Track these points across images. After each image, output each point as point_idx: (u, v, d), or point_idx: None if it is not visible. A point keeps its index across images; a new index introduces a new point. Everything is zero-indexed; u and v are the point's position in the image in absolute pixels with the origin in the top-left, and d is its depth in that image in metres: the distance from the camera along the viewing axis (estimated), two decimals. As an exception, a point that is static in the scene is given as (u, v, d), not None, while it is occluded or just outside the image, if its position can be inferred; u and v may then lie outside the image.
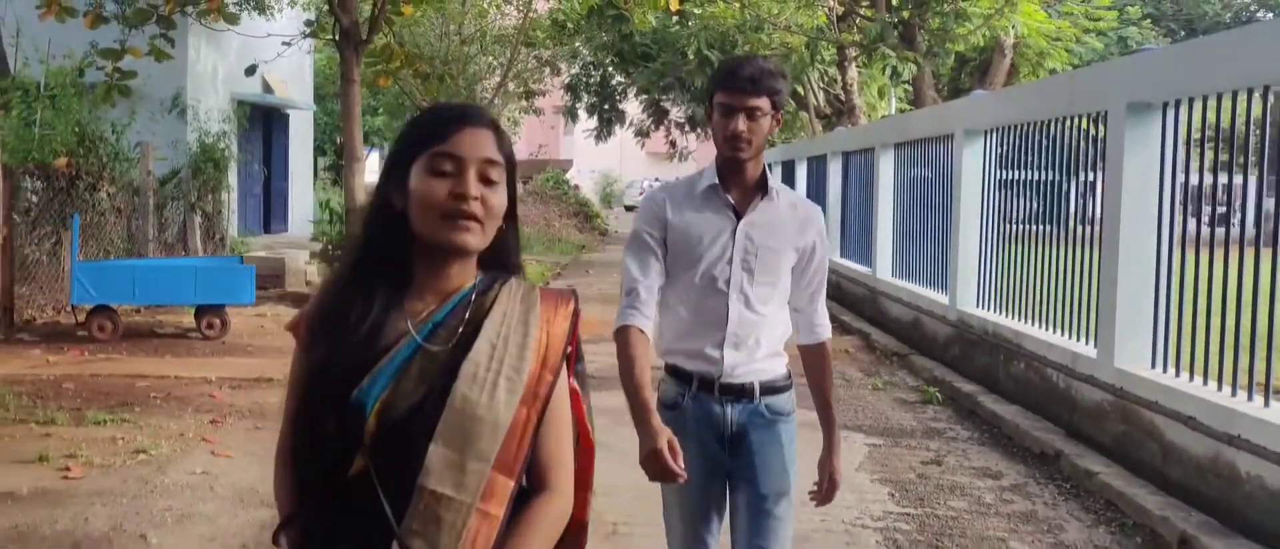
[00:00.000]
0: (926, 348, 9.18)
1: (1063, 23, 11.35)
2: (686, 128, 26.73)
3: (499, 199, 1.57)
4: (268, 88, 17.87)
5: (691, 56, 17.54)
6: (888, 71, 11.06)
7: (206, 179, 14.38)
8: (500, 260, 1.65)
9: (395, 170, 1.59)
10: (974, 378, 7.76)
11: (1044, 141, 7.42)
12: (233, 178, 15.58)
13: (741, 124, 2.54)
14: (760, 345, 2.64)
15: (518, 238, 1.68)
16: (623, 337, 2.59)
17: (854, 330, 10.73)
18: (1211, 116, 5.32)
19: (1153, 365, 5.63)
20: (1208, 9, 28.39)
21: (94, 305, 9.16)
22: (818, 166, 15.03)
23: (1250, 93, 4.98)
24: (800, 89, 17.67)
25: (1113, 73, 6.80)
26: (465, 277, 1.61)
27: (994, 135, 8.23)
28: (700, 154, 36.12)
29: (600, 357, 3.24)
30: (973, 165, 8.43)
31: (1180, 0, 28.53)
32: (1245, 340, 4.78)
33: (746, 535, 2.64)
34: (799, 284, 2.71)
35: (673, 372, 2.69)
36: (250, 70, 14.84)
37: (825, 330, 2.78)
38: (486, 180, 1.55)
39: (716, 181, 2.64)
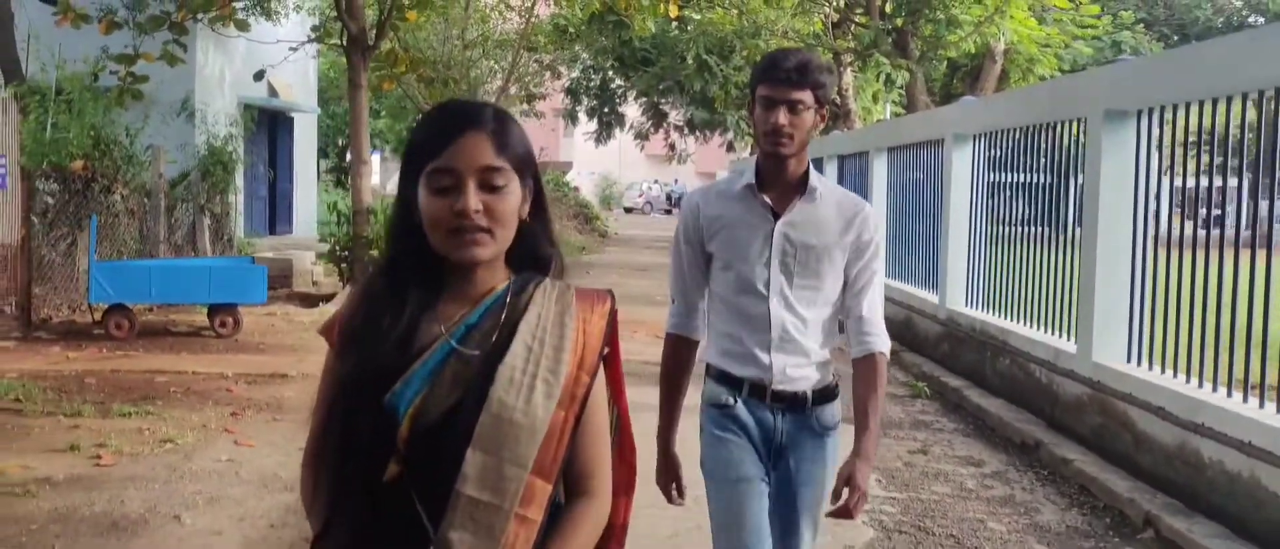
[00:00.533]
0: (918, 345, 9.48)
1: (1052, 30, 11.69)
2: (685, 131, 27.04)
3: (506, 204, 1.53)
4: (273, 91, 18.17)
5: (690, 61, 17.89)
6: (882, 78, 11.38)
7: (215, 181, 14.68)
8: (533, 259, 1.62)
9: (408, 182, 1.57)
10: (961, 373, 8.06)
11: (1028, 146, 7.73)
12: (239, 180, 15.89)
13: (783, 117, 2.44)
14: (809, 350, 2.54)
15: (550, 233, 1.65)
16: (666, 344, 2.67)
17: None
18: (1182, 123, 5.63)
19: (1128, 360, 5.93)
20: (1199, 14, 28.72)
21: (111, 304, 9.46)
22: (815, 169, 15.28)
23: (1215, 102, 5.28)
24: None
25: (1091, 82, 7.10)
26: (497, 278, 1.60)
27: (982, 140, 8.53)
28: (699, 157, 36.45)
29: None
30: (962, 169, 8.74)
31: (1173, 5, 28.84)
32: (1212, 337, 5.08)
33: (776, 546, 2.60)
34: (848, 287, 2.58)
35: (722, 376, 2.59)
36: (258, 75, 15.18)
37: (878, 341, 2.58)
38: (490, 188, 1.51)
39: (753, 181, 2.55)
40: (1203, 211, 5.78)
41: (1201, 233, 5.48)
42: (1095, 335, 6.10)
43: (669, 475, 2.67)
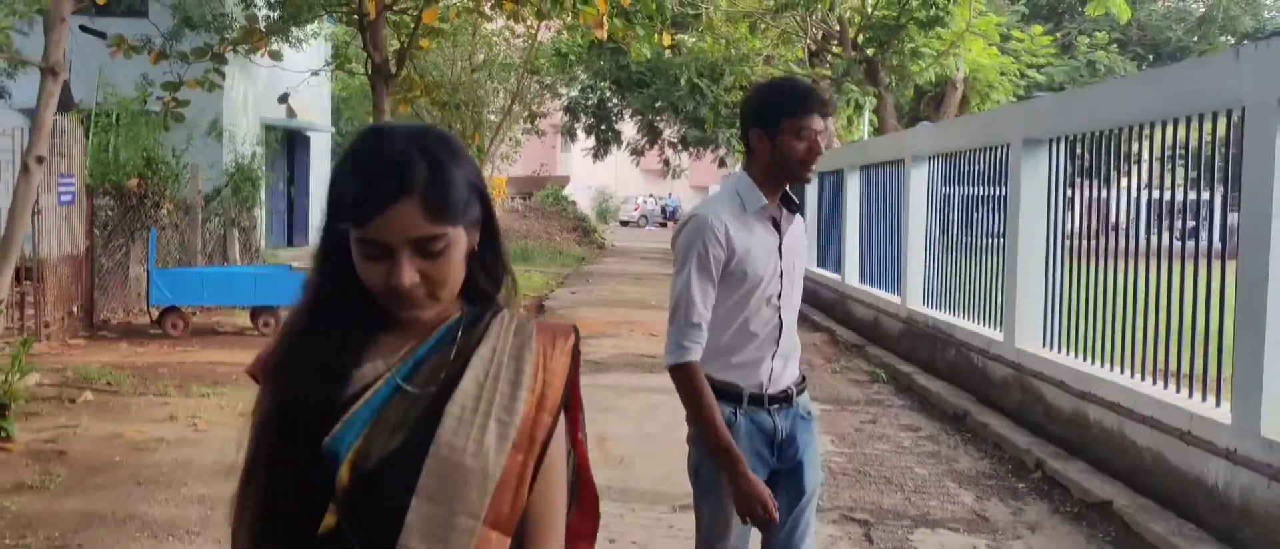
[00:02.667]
0: (883, 342, 10.71)
1: (1007, 59, 12.95)
2: (679, 147, 28.32)
3: (446, 267, 1.37)
4: (291, 112, 19.43)
5: (683, 83, 19.20)
6: (851, 104, 12.61)
7: (243, 196, 15.90)
8: (486, 289, 1.48)
9: (336, 223, 1.40)
10: (916, 363, 9.30)
11: (970, 167, 8.98)
12: (262, 195, 17.13)
13: (821, 146, 2.65)
14: (794, 352, 2.79)
15: (503, 264, 1.50)
16: (690, 370, 2.60)
17: (822, 328, 12.28)
18: (1082, 151, 6.89)
19: (1044, 345, 7.16)
20: (1171, 35, 30.05)
21: (166, 306, 10.68)
22: (797, 185, 16.62)
23: (1112, 133, 6.54)
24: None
25: (1012, 115, 8.36)
26: (448, 310, 1.44)
27: (936, 161, 9.79)
28: (692, 172, 37.66)
29: (603, 349, 4.71)
30: (919, 185, 9.99)
31: (1145, 26, 30.17)
32: (1106, 322, 6.31)
33: (787, 535, 2.71)
34: None
35: (721, 391, 2.65)
36: (283, 98, 16.45)
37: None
38: (427, 254, 1.35)
39: (765, 202, 2.69)
40: (1089, 223, 7.02)
41: (1098, 242, 6.72)
42: (1017, 325, 7.34)
43: (757, 495, 2.56)
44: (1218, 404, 5.01)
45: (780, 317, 2.70)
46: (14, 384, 6.05)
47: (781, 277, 2.70)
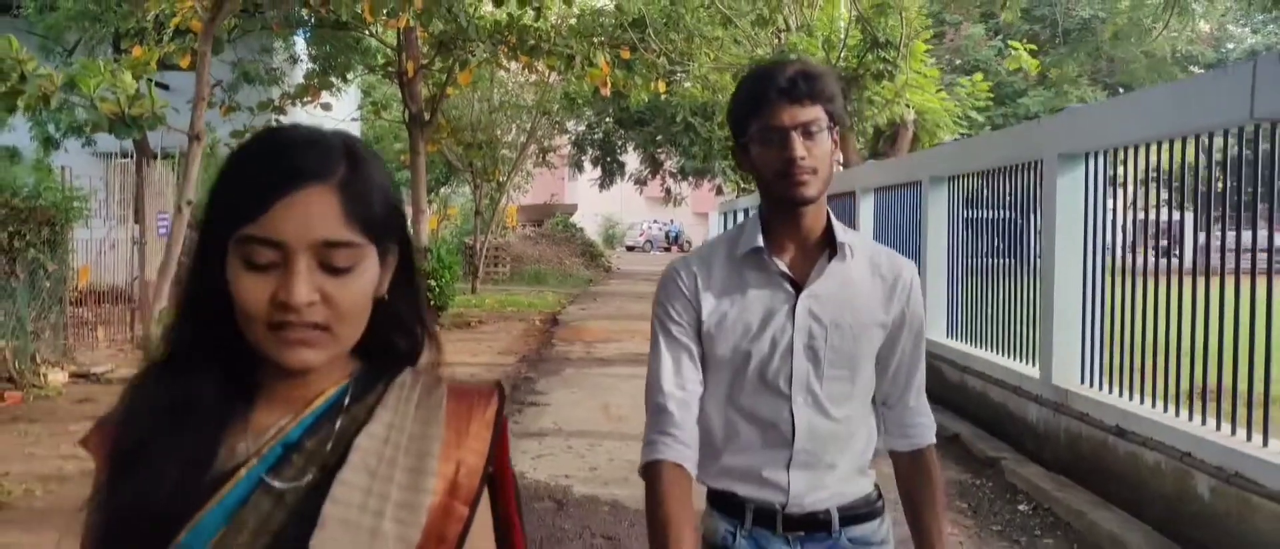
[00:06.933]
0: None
1: (951, 103, 15.12)
2: (679, 177, 30.59)
3: (353, 292, 1.05)
4: (330, 151, 21.69)
5: (679, 122, 21.50)
6: (816, 144, 14.65)
7: (293, 226, 18.14)
8: (386, 347, 1.14)
9: (211, 242, 1.06)
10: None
11: (896, 199, 11.12)
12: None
13: (798, 147, 1.77)
14: (838, 463, 1.90)
15: (418, 312, 1.16)
16: (654, 475, 1.83)
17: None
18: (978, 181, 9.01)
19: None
20: (1136, 67, 32.23)
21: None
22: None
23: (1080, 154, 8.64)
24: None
25: (911, 164, 10.46)
26: (334, 375, 1.11)
27: (880, 193, 11.92)
28: (693, 199, 39.92)
29: (608, 350, 6.31)
30: (866, 214, 12.14)
31: (1114, 57, 32.37)
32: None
33: None
34: (885, 369, 1.96)
35: (719, 500, 1.94)
36: (325, 140, 18.68)
37: (927, 431, 2.00)
38: (331, 269, 1.03)
39: (760, 243, 1.87)
40: (989, 248, 9.13)
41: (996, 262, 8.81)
42: (944, 326, 9.40)
43: None
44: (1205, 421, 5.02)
45: (791, 410, 1.86)
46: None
47: (792, 353, 1.86)
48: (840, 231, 1.89)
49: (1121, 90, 31.57)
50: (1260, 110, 4.49)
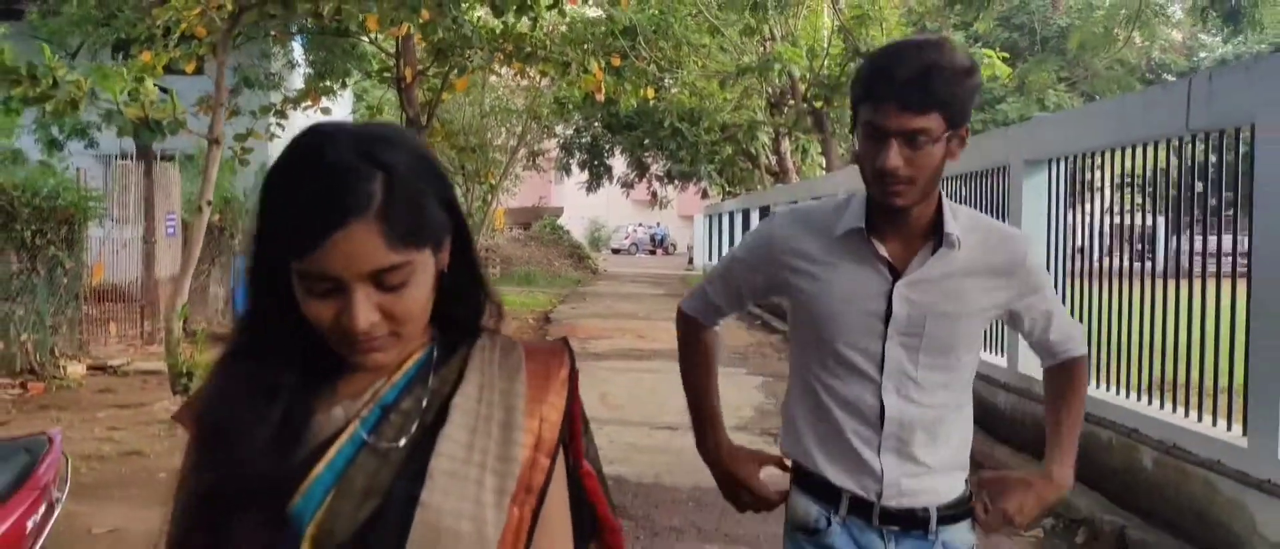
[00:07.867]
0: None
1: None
2: (665, 180, 31.15)
3: (411, 300, 1.11)
4: (323, 153, 22.12)
5: (666, 126, 22.05)
6: (799, 149, 15.25)
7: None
8: (459, 314, 1.22)
9: (267, 260, 1.12)
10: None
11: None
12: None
13: (893, 158, 1.66)
14: (935, 452, 1.84)
15: (479, 277, 1.23)
16: (692, 327, 2.07)
17: (778, 330, 14.98)
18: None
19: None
20: (1110, 75, 33.00)
21: (249, 316, 13.31)
22: (766, 215, 19.48)
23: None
24: (753, 151, 22.32)
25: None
26: (413, 343, 1.18)
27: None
28: (679, 202, 40.49)
29: (602, 345, 6.97)
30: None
31: (1088, 66, 33.14)
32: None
33: None
34: (1020, 326, 1.96)
35: (809, 482, 1.90)
36: (322, 143, 19.13)
37: (1073, 346, 2.00)
38: (387, 287, 1.09)
39: (862, 226, 1.80)
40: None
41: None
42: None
43: (734, 481, 2.04)
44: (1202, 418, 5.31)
45: (881, 396, 1.82)
46: (197, 357, 8.64)
47: (885, 338, 1.80)
48: (949, 221, 1.80)
49: (1096, 98, 32.36)
50: (1195, 123, 5.06)
